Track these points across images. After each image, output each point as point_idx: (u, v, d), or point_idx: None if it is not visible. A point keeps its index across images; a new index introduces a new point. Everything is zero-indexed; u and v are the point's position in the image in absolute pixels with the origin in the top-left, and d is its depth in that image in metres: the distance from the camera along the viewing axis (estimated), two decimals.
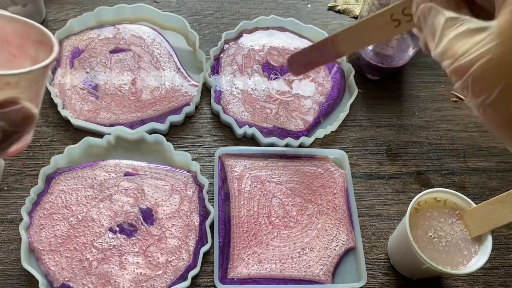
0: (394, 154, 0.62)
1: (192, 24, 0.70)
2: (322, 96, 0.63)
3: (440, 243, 0.47)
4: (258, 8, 0.74)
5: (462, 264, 0.46)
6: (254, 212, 0.53)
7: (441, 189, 0.49)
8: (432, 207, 0.49)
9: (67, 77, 0.61)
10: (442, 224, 0.48)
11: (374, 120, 0.64)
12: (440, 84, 0.69)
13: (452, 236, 0.48)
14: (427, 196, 0.49)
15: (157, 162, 0.56)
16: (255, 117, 0.60)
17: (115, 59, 0.63)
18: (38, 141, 0.57)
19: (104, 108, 0.59)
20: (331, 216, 0.54)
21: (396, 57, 0.64)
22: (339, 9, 0.76)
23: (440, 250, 0.47)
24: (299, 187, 0.56)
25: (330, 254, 0.52)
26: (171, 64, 0.64)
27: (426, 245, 0.47)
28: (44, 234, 0.49)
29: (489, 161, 0.63)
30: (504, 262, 0.55)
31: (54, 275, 0.47)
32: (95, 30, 0.65)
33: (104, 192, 0.53)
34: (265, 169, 0.56)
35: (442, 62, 0.28)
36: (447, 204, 0.49)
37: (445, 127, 0.65)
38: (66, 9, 0.69)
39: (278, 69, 0.65)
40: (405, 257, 0.49)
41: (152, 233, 0.51)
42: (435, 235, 0.48)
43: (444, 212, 0.49)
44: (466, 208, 0.48)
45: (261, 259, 0.51)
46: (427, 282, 0.53)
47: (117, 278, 0.48)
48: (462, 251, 0.47)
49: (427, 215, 0.49)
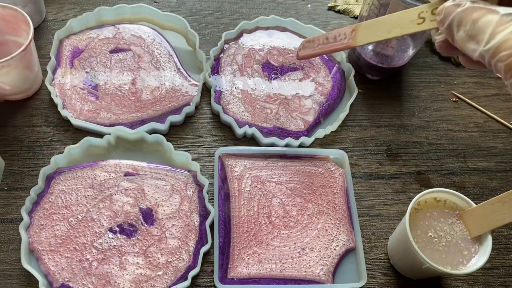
0: (394, 154, 0.62)
1: (192, 24, 0.70)
2: (322, 96, 0.63)
3: (440, 243, 0.47)
4: (258, 8, 0.74)
5: (462, 264, 0.46)
6: (254, 212, 0.53)
7: (441, 189, 0.49)
8: (432, 207, 0.49)
9: (67, 77, 0.61)
10: (442, 224, 0.48)
11: (374, 120, 0.64)
12: (440, 84, 0.69)
13: (452, 236, 0.48)
14: (427, 196, 0.49)
15: (157, 162, 0.56)
16: (255, 117, 0.60)
17: (115, 59, 0.63)
18: (38, 141, 0.57)
19: (104, 108, 0.59)
20: (331, 216, 0.54)
21: (396, 57, 0.64)
22: (339, 9, 0.76)
23: (440, 250, 0.47)
24: (300, 187, 0.56)
25: (331, 254, 0.52)
26: (171, 64, 0.64)
27: (426, 245, 0.47)
28: (44, 234, 0.49)
29: (489, 161, 0.63)
30: (504, 262, 0.55)
31: (54, 275, 0.47)
32: (95, 30, 0.65)
33: (104, 192, 0.53)
34: (265, 169, 0.56)
35: (493, 58, 0.29)
36: (447, 204, 0.49)
37: (445, 127, 0.65)
38: (66, 9, 0.69)
39: (278, 69, 0.65)
40: (405, 257, 0.49)
41: (152, 234, 0.51)
42: (435, 235, 0.48)
43: (444, 212, 0.49)
44: (466, 208, 0.48)
45: (261, 259, 0.51)
46: (427, 282, 0.53)
47: (117, 279, 0.48)
48: (462, 251, 0.47)
49: (427, 215, 0.49)
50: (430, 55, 0.72)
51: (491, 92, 0.70)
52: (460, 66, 0.72)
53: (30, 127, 0.58)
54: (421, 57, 0.72)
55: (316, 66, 0.66)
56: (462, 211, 0.49)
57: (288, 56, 0.66)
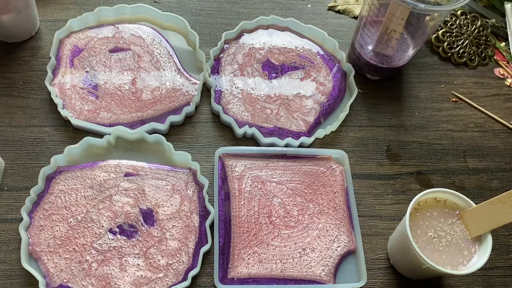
0: (394, 154, 0.62)
1: (192, 24, 0.70)
2: (323, 96, 0.63)
3: (440, 243, 0.47)
4: (258, 8, 0.74)
5: (462, 264, 0.46)
6: (255, 212, 0.53)
7: (441, 189, 0.49)
8: (432, 207, 0.49)
9: (67, 76, 0.61)
10: (442, 224, 0.48)
11: (374, 120, 0.64)
12: (440, 84, 0.69)
13: (452, 236, 0.48)
14: (427, 196, 0.49)
15: (157, 162, 0.56)
16: (255, 117, 0.60)
17: (115, 59, 0.63)
18: (38, 141, 0.57)
19: (104, 108, 0.59)
20: (332, 216, 0.54)
21: (396, 57, 0.64)
22: (339, 9, 0.75)
23: (440, 250, 0.47)
24: (300, 186, 0.56)
25: (332, 255, 0.52)
26: (171, 64, 0.64)
27: (426, 245, 0.47)
28: (43, 235, 0.49)
29: (489, 161, 0.63)
30: (504, 262, 0.55)
31: (52, 276, 0.47)
32: (95, 29, 0.65)
33: (104, 193, 0.52)
34: (265, 169, 0.56)
35: None
36: (447, 204, 0.49)
37: (445, 127, 0.65)
38: (66, 9, 0.69)
39: (279, 68, 0.65)
40: (405, 257, 0.49)
41: (152, 235, 0.51)
42: (435, 235, 0.48)
43: (444, 212, 0.49)
44: (466, 208, 0.48)
45: (262, 259, 0.51)
46: (427, 282, 0.53)
47: (117, 280, 0.47)
48: (462, 251, 0.47)
49: (427, 215, 0.49)
50: (430, 55, 0.72)
51: (491, 92, 0.70)
52: (460, 66, 0.72)
53: (30, 127, 0.58)
54: (421, 57, 0.72)
55: (317, 65, 0.66)
56: (462, 211, 0.49)
57: (288, 55, 0.66)
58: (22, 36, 0.64)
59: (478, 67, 0.72)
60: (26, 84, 0.61)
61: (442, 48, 0.72)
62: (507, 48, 0.75)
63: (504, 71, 0.72)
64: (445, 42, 0.72)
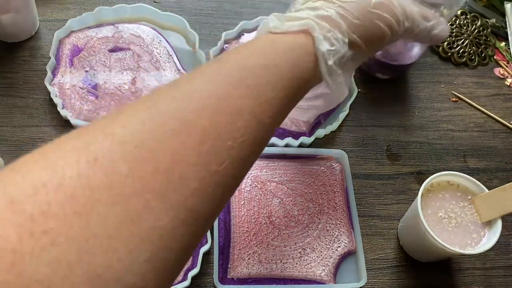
0: (394, 154, 0.62)
1: (192, 24, 0.69)
2: None
3: (450, 224, 0.48)
4: (258, 8, 0.74)
5: (470, 246, 0.47)
6: (255, 212, 0.53)
7: (454, 172, 0.49)
8: (445, 189, 0.50)
9: (67, 76, 0.60)
10: (453, 206, 0.49)
11: (374, 120, 0.64)
12: (440, 84, 0.69)
13: (462, 218, 0.48)
14: (440, 179, 0.50)
15: None
16: None
17: (115, 58, 0.63)
18: (38, 141, 0.57)
19: (103, 107, 0.59)
20: (332, 216, 0.54)
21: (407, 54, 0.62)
22: None
23: (449, 231, 0.48)
24: (300, 186, 0.56)
25: (332, 255, 0.52)
26: (171, 64, 0.64)
27: (436, 224, 0.48)
28: None
29: (489, 161, 0.63)
30: (504, 262, 0.55)
31: None
32: (94, 29, 0.65)
33: None
34: (265, 169, 0.56)
35: None
36: (460, 188, 0.50)
37: (445, 127, 0.65)
38: (66, 9, 0.69)
39: None
40: (414, 237, 0.50)
41: None
42: (445, 216, 0.48)
43: (456, 195, 0.50)
44: (478, 194, 0.49)
45: (262, 259, 0.51)
46: (427, 282, 0.53)
47: None
48: (471, 234, 0.48)
49: (439, 196, 0.49)
50: (430, 55, 0.72)
51: (491, 92, 0.70)
52: (460, 66, 0.72)
53: (30, 127, 0.58)
54: (421, 57, 0.72)
55: None
56: (475, 196, 0.49)
57: None
58: (21, 36, 0.64)
59: (478, 67, 0.72)
60: (26, 84, 0.61)
61: (442, 48, 0.72)
62: (507, 48, 0.75)
63: (504, 71, 0.72)
64: (445, 42, 0.72)
